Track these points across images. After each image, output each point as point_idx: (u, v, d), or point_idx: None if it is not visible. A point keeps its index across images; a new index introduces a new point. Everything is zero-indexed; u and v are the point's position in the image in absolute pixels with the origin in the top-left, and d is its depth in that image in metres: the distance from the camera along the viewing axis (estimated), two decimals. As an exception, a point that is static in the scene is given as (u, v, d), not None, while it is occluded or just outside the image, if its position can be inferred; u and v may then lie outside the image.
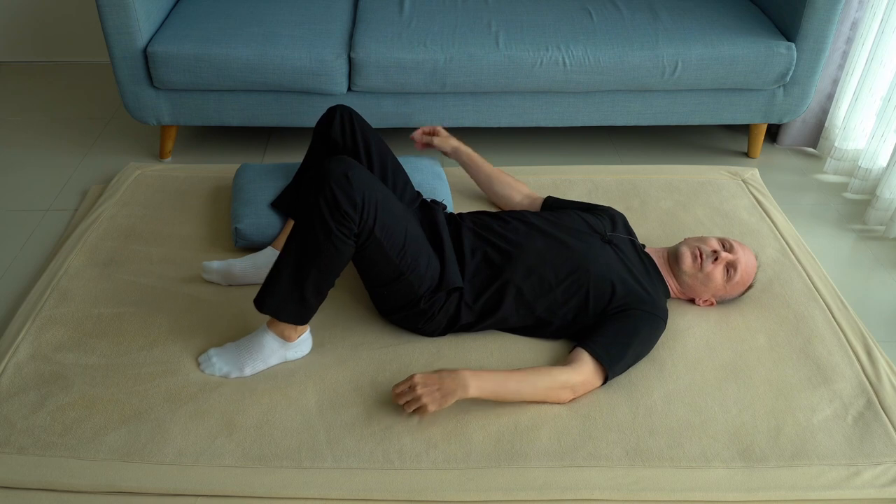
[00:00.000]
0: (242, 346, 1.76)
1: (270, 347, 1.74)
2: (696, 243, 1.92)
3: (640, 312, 1.77)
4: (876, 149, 2.51)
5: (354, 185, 1.59)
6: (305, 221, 1.63)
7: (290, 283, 1.66)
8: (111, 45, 2.38)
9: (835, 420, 1.69)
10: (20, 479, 1.51)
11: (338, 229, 1.60)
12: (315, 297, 1.69)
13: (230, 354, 1.76)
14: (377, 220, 1.63)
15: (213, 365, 1.76)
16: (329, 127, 2.01)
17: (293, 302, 1.67)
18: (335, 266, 1.66)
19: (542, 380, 1.66)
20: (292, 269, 1.65)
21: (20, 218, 2.36)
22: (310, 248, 1.63)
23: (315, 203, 1.60)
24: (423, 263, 1.74)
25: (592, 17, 2.60)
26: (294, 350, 1.77)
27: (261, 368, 1.75)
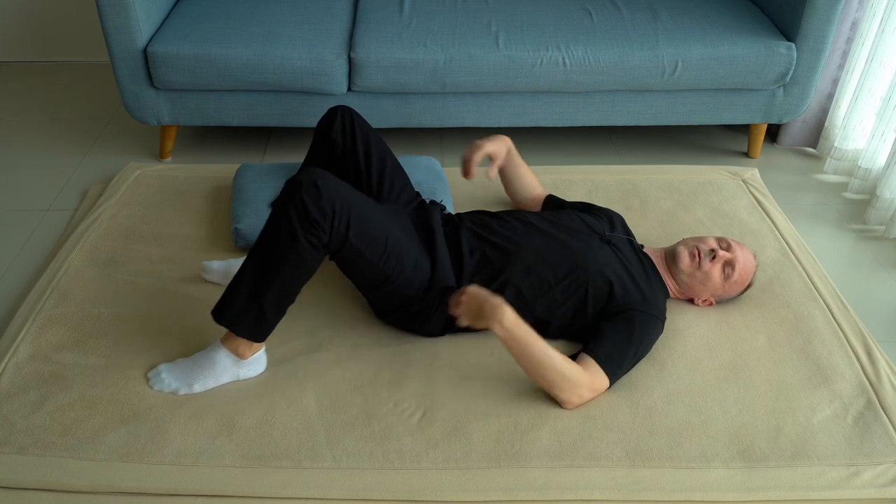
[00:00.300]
0: (194, 362, 1.71)
1: (223, 364, 1.69)
2: (694, 242, 1.92)
3: (638, 314, 1.77)
4: (876, 149, 2.51)
5: (324, 194, 1.56)
6: (271, 231, 1.59)
7: (249, 296, 1.62)
8: (111, 45, 2.38)
9: (835, 420, 1.69)
10: (20, 479, 1.51)
11: (306, 238, 1.57)
12: (274, 312, 1.64)
13: (180, 370, 1.71)
14: (351, 228, 1.60)
15: (163, 381, 1.70)
16: (330, 127, 2.01)
17: (251, 316, 1.63)
18: (298, 278, 1.62)
19: (563, 364, 1.65)
20: (253, 281, 1.61)
21: (20, 218, 2.36)
22: (274, 258, 1.59)
23: (283, 211, 1.57)
24: (409, 265, 1.73)
25: (592, 17, 2.60)
26: (247, 368, 1.72)
27: (211, 386, 1.70)
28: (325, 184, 1.59)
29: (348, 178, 2.01)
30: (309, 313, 1.93)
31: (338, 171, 2.03)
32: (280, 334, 1.86)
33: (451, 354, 1.82)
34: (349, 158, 2.00)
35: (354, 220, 1.61)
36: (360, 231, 1.63)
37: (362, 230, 1.64)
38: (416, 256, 1.76)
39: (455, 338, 1.86)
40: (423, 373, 1.77)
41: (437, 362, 1.80)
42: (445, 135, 2.88)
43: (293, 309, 1.92)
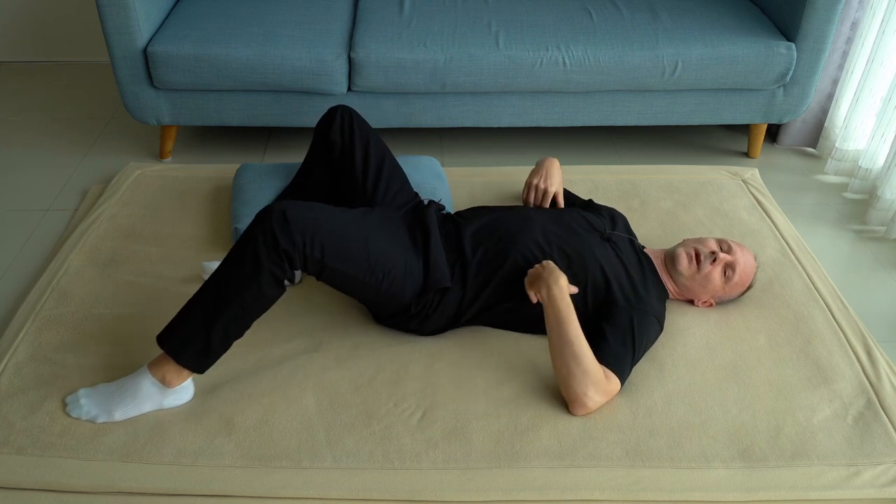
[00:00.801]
0: (116, 388, 1.64)
1: (147, 392, 1.62)
2: (694, 244, 1.92)
3: (636, 312, 1.76)
4: (876, 149, 2.51)
5: (292, 225, 1.54)
6: (235, 260, 1.56)
7: (198, 324, 1.57)
8: (111, 45, 2.38)
9: (835, 420, 1.69)
10: (19, 479, 1.51)
11: (270, 270, 1.54)
12: (221, 343, 1.59)
13: (101, 396, 1.64)
14: (325, 252, 1.58)
15: (81, 407, 1.63)
16: (329, 127, 2.01)
17: (197, 346, 1.58)
18: (252, 311, 1.58)
19: (587, 351, 1.64)
20: (205, 309, 1.57)
21: (20, 218, 2.36)
22: (232, 286, 1.56)
23: (251, 242, 1.54)
24: (398, 274, 1.71)
25: (592, 17, 2.60)
26: (173, 397, 1.64)
27: (133, 414, 1.62)
28: (293, 213, 1.55)
29: (345, 179, 2.01)
30: (309, 313, 1.93)
31: (336, 172, 2.03)
32: (280, 334, 1.86)
33: (451, 354, 1.82)
34: (347, 159, 1.99)
35: (329, 244, 1.59)
36: (336, 253, 1.61)
37: (339, 252, 1.61)
38: (406, 262, 1.74)
39: (455, 338, 1.86)
40: (423, 373, 1.77)
41: (437, 362, 1.80)
42: (445, 135, 2.88)
43: (293, 308, 1.93)
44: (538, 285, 1.73)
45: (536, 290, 1.74)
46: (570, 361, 1.64)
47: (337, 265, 1.62)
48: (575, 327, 1.67)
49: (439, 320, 1.82)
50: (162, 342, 1.60)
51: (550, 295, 1.70)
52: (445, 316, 1.82)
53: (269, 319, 1.89)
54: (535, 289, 1.74)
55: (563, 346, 1.65)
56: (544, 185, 2.13)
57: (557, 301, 1.69)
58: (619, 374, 1.68)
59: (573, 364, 1.64)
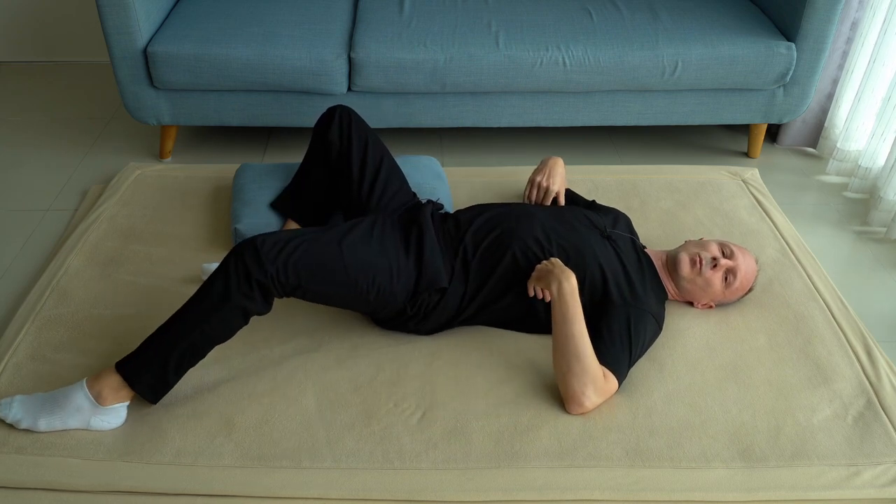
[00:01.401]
0: (49, 398, 1.61)
1: (77, 405, 1.59)
2: (696, 249, 1.91)
3: (633, 311, 1.76)
4: (876, 148, 2.51)
5: (264, 255, 1.55)
6: (204, 291, 1.57)
7: (156, 350, 1.58)
8: (111, 45, 2.38)
9: (835, 420, 1.69)
10: (19, 478, 1.51)
11: (240, 301, 1.55)
12: (174, 371, 1.60)
13: (32, 403, 1.61)
14: (301, 276, 1.59)
15: (10, 409, 1.60)
16: (327, 128, 2.01)
17: (153, 371, 1.58)
18: (211, 341, 1.60)
19: (589, 350, 1.65)
20: (163, 337, 1.58)
21: (20, 218, 2.36)
22: (197, 316, 1.57)
23: (222, 273, 1.56)
24: (384, 281, 1.70)
25: (592, 17, 2.60)
26: (101, 418, 1.60)
27: (57, 427, 1.59)
28: (264, 244, 1.57)
29: (342, 179, 2.01)
30: (309, 313, 1.93)
31: (334, 172, 2.03)
32: (280, 334, 1.86)
33: (451, 354, 1.82)
34: (345, 159, 1.99)
35: (303, 268, 1.59)
36: (312, 275, 1.61)
37: (314, 273, 1.61)
38: (392, 267, 1.73)
39: (455, 337, 1.86)
40: (423, 373, 1.77)
41: (436, 362, 1.80)
42: (445, 135, 2.88)
43: (293, 308, 1.93)
44: (548, 280, 1.73)
45: (545, 284, 1.73)
46: (571, 359, 1.64)
47: (316, 286, 1.63)
48: (581, 325, 1.67)
49: (439, 318, 1.82)
50: (118, 367, 1.59)
51: (562, 291, 1.69)
52: (446, 314, 1.82)
53: (269, 319, 1.89)
54: (543, 283, 1.74)
55: (566, 343, 1.65)
56: (546, 183, 2.13)
57: (568, 297, 1.69)
58: (616, 374, 1.68)
59: (574, 361, 1.64)
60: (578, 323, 1.67)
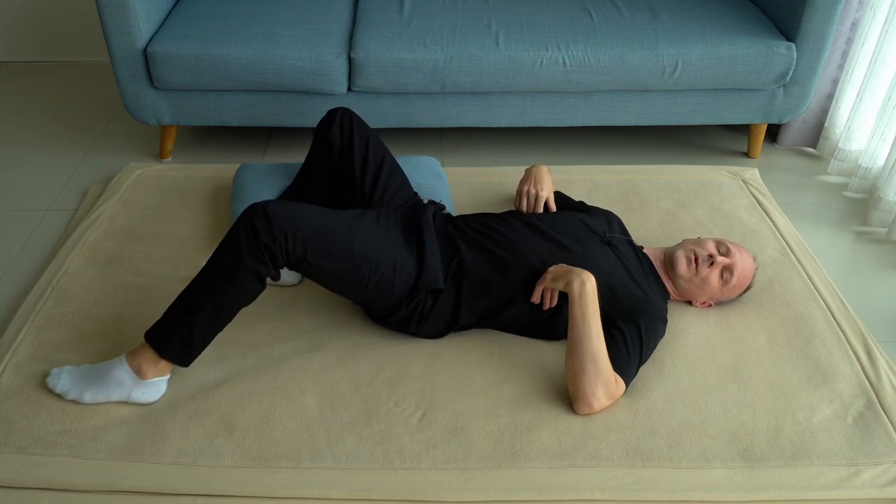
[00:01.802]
0: (94, 370, 1.67)
1: (118, 380, 1.64)
2: (692, 247, 1.91)
3: (642, 317, 1.76)
4: (876, 148, 2.52)
5: (275, 221, 1.56)
6: (217, 255, 1.59)
7: (180, 317, 1.61)
8: (111, 45, 2.38)
9: (835, 420, 1.69)
10: (20, 478, 1.51)
11: (250, 265, 1.57)
12: (202, 336, 1.62)
13: (79, 375, 1.67)
14: (308, 249, 1.60)
15: (59, 380, 1.67)
16: (329, 129, 2.01)
17: (180, 338, 1.61)
18: (233, 306, 1.62)
19: (604, 351, 1.65)
20: (186, 304, 1.61)
21: (20, 218, 2.36)
22: (213, 281, 1.59)
23: (233, 236, 1.58)
24: (387, 271, 1.71)
25: (592, 17, 2.60)
26: (142, 391, 1.65)
27: (101, 400, 1.65)
28: (275, 211, 1.58)
29: (344, 179, 2.01)
30: (309, 313, 1.93)
31: (336, 173, 2.03)
32: (280, 334, 1.86)
33: (451, 354, 1.82)
34: (346, 159, 2.00)
35: (311, 241, 1.60)
36: (319, 250, 1.62)
37: (322, 249, 1.62)
38: (396, 260, 1.74)
39: (456, 339, 1.86)
40: (423, 373, 1.77)
41: (437, 362, 1.80)
42: (445, 135, 2.88)
43: (294, 308, 1.93)
44: (568, 278, 1.71)
45: (565, 283, 1.71)
46: (586, 359, 1.64)
47: (321, 262, 1.64)
48: (598, 326, 1.67)
49: (436, 325, 1.82)
50: (147, 336, 1.63)
51: (584, 290, 1.68)
52: (442, 319, 1.82)
53: (270, 319, 1.89)
54: (561, 283, 1.72)
55: (583, 343, 1.65)
56: (535, 190, 2.13)
57: (589, 297, 1.68)
58: (624, 378, 1.69)
59: (588, 362, 1.64)
60: (596, 323, 1.67)
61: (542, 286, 1.77)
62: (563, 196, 2.23)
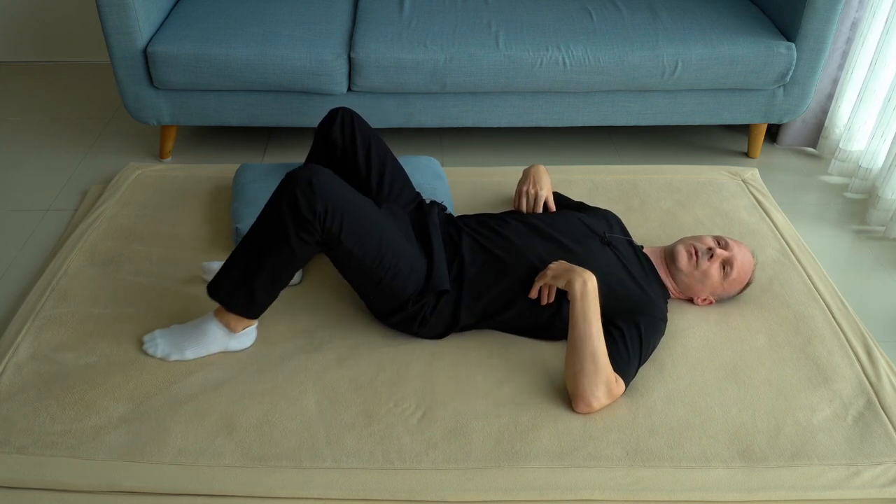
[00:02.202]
0: (187, 330, 1.78)
1: (213, 335, 1.76)
2: (692, 241, 1.92)
3: (642, 317, 1.76)
4: (876, 148, 2.52)
5: (317, 193, 1.59)
6: (264, 220, 1.65)
7: (240, 277, 1.68)
8: (111, 45, 2.38)
9: (835, 420, 1.69)
10: (20, 478, 1.51)
11: (296, 233, 1.61)
12: (265, 294, 1.70)
13: (174, 336, 1.78)
14: (343, 229, 1.63)
15: (157, 346, 1.77)
16: (330, 128, 2.01)
17: (243, 295, 1.70)
18: (288, 268, 1.67)
19: (604, 351, 1.65)
20: (245, 263, 1.68)
21: (20, 218, 2.36)
22: (265, 246, 1.65)
23: (276, 205, 1.62)
24: (404, 267, 1.73)
25: (592, 17, 2.60)
26: (237, 341, 1.78)
27: (202, 354, 1.77)
28: (320, 182, 1.60)
29: (347, 179, 2.01)
30: (309, 313, 1.93)
31: (337, 172, 2.03)
32: (280, 334, 1.86)
33: (451, 354, 1.82)
34: (349, 159, 2.00)
35: (347, 222, 1.63)
36: (352, 233, 1.64)
37: (355, 232, 1.65)
38: (413, 260, 1.76)
39: (455, 338, 1.86)
40: (423, 373, 1.77)
41: (437, 362, 1.80)
42: (445, 135, 2.88)
43: (294, 308, 1.93)
44: (569, 277, 1.71)
45: (566, 282, 1.71)
46: (586, 358, 1.64)
47: (350, 244, 1.66)
48: (598, 325, 1.67)
49: (437, 325, 1.82)
50: (211, 293, 1.71)
51: (585, 289, 1.68)
52: (443, 321, 1.82)
53: (270, 319, 1.89)
54: (562, 281, 1.72)
55: (584, 342, 1.65)
56: (534, 190, 2.13)
57: (590, 296, 1.68)
58: (624, 378, 1.69)
59: (589, 361, 1.64)
60: (597, 323, 1.67)
61: (542, 282, 1.77)
62: (562, 196, 2.24)
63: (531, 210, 2.14)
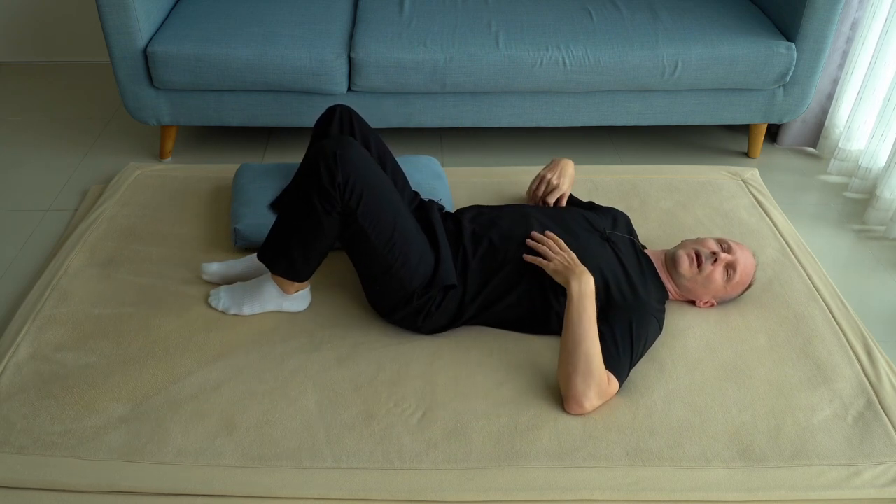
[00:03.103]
0: (247, 288, 1.88)
1: (269, 294, 1.85)
2: (694, 246, 1.91)
3: (634, 315, 1.76)
4: (876, 148, 2.51)
5: (340, 165, 1.62)
6: (294, 189, 1.70)
7: (280, 242, 1.75)
8: (111, 45, 2.38)
9: (835, 420, 1.69)
10: (20, 478, 1.51)
11: (320, 204, 1.65)
12: (304, 261, 1.76)
13: (236, 293, 1.89)
14: (360, 206, 1.65)
15: (220, 299, 1.89)
16: (328, 125, 2.01)
17: (283, 260, 1.76)
18: (320, 237, 1.71)
19: (598, 353, 1.66)
20: (282, 229, 1.74)
21: (20, 218, 2.36)
22: (294, 214, 1.71)
23: (302, 174, 1.67)
24: (413, 259, 1.74)
25: (592, 17, 2.60)
26: (291, 302, 1.87)
27: (258, 311, 1.88)
28: (344, 154, 1.63)
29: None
30: (309, 313, 1.93)
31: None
32: (280, 334, 1.86)
33: (452, 354, 1.82)
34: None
35: (366, 200, 1.65)
36: (369, 212, 1.66)
37: (372, 211, 1.67)
38: (422, 251, 1.77)
39: (456, 339, 1.86)
40: (423, 373, 1.77)
41: (437, 362, 1.80)
42: (445, 135, 2.88)
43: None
44: (567, 276, 1.72)
45: (564, 280, 1.73)
46: (579, 359, 1.64)
47: (365, 223, 1.68)
48: (593, 327, 1.67)
49: (441, 319, 1.82)
50: (259, 256, 1.80)
51: (582, 291, 1.70)
52: (447, 314, 1.82)
53: (270, 319, 1.89)
54: (561, 278, 1.74)
55: (578, 343, 1.65)
56: (557, 181, 2.13)
57: (587, 298, 1.70)
58: (618, 377, 1.69)
59: (582, 362, 1.64)
60: (591, 325, 1.67)
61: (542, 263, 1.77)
62: (573, 196, 2.24)
63: (544, 197, 2.12)
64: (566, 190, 2.14)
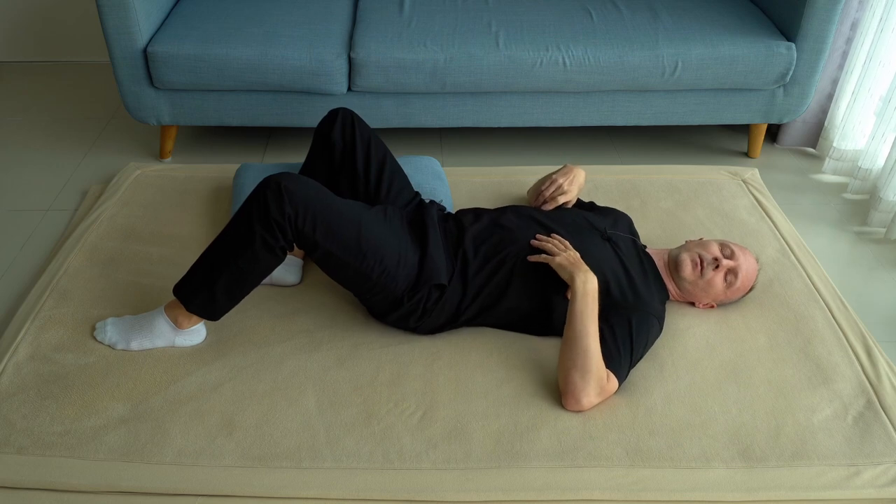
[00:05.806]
0: (136, 322, 1.80)
1: (161, 329, 1.78)
2: (697, 249, 1.91)
3: (635, 314, 1.76)
4: (875, 149, 2.51)
5: (287, 196, 1.61)
6: (233, 223, 1.67)
7: (203, 278, 1.70)
8: (111, 45, 2.38)
9: (835, 420, 1.69)
10: (20, 479, 1.51)
11: (262, 238, 1.63)
12: (226, 298, 1.72)
13: (124, 326, 1.81)
14: (317, 229, 1.64)
15: (106, 332, 1.80)
16: (330, 129, 2.01)
17: (203, 296, 1.71)
18: (251, 273, 1.69)
19: (598, 351, 1.66)
20: (209, 266, 1.70)
21: (20, 218, 2.36)
22: (230, 250, 1.67)
23: (247, 208, 1.64)
24: (390, 263, 1.74)
25: (592, 17, 2.60)
26: (183, 337, 1.80)
27: (147, 347, 1.79)
28: (290, 185, 1.62)
29: (346, 179, 2.01)
30: (309, 313, 1.93)
31: (337, 172, 2.03)
32: (280, 334, 1.86)
33: (451, 354, 1.82)
34: (349, 159, 2.00)
35: (321, 220, 1.64)
36: (327, 232, 1.65)
37: (330, 231, 1.66)
38: (400, 253, 1.76)
39: (455, 337, 1.86)
40: (423, 373, 1.77)
41: (437, 362, 1.80)
42: (445, 135, 2.88)
43: (294, 308, 1.93)
44: (571, 273, 1.72)
45: (568, 277, 1.73)
46: (579, 356, 1.65)
47: (327, 244, 1.67)
48: (595, 325, 1.68)
49: (438, 318, 1.82)
50: (175, 291, 1.74)
51: (586, 289, 1.70)
52: (445, 314, 1.82)
53: (270, 319, 1.89)
54: (566, 275, 1.73)
55: (578, 341, 1.65)
56: (568, 187, 2.09)
57: (590, 295, 1.70)
58: (617, 376, 1.69)
59: (581, 359, 1.64)
60: (592, 322, 1.68)
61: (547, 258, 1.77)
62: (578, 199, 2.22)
63: (549, 199, 2.10)
64: (572, 198, 2.13)
